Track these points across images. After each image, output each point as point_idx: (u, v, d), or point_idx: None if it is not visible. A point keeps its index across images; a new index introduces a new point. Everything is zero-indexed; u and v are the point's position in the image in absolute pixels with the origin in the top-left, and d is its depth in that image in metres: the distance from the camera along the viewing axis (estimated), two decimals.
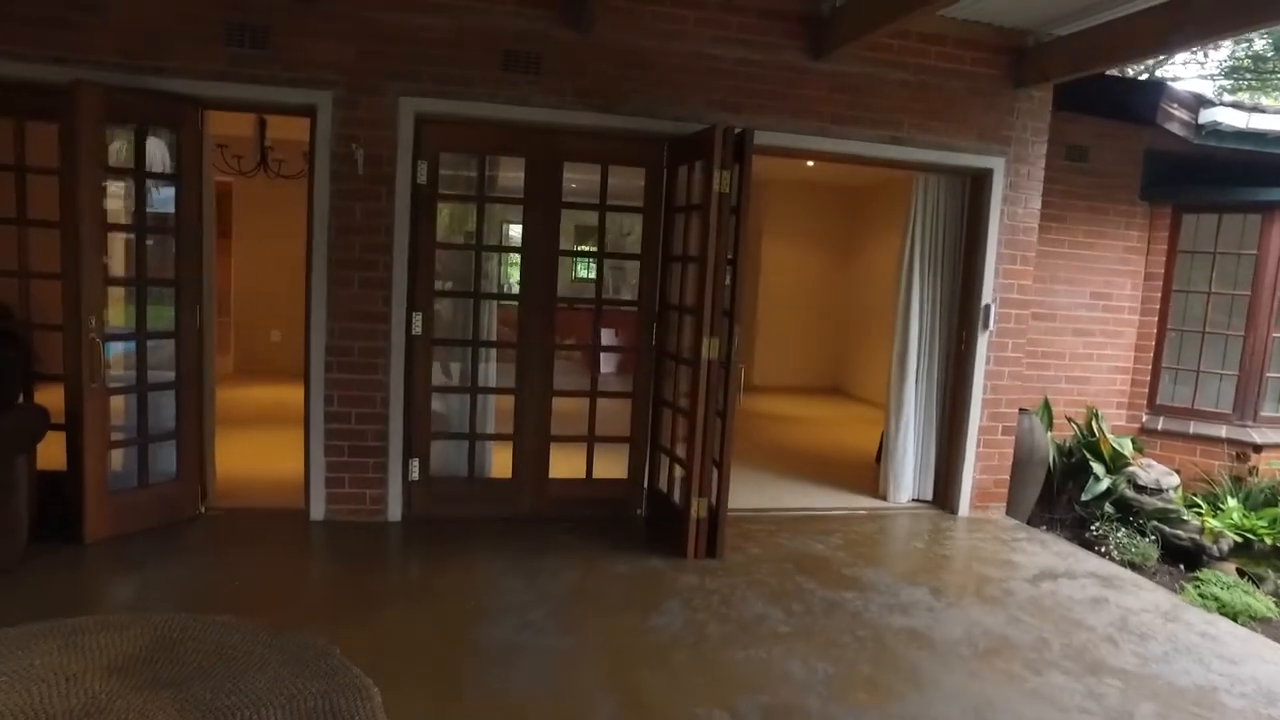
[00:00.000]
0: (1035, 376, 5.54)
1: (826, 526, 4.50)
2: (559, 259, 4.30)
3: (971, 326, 4.81)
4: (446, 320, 4.33)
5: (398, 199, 4.00)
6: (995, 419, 4.86)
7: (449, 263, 4.32)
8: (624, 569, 3.70)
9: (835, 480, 5.45)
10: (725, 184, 3.69)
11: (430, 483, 4.25)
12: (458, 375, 4.32)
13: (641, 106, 4.18)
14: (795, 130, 4.35)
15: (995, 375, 4.83)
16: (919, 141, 4.53)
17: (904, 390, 4.92)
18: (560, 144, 4.17)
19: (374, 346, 4.07)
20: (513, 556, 3.77)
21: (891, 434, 4.96)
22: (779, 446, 6.58)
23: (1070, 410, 5.57)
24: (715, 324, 3.74)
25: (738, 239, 3.73)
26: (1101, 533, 4.95)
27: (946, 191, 4.87)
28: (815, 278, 9.58)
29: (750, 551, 4.02)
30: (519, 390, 4.31)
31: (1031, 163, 4.73)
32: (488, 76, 4.01)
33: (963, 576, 3.88)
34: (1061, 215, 5.49)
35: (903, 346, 4.93)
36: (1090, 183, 5.52)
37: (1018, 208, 4.75)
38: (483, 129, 4.10)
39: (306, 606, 3.17)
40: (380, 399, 4.10)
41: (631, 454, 4.43)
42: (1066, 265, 5.56)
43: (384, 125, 3.95)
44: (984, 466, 4.88)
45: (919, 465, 5.02)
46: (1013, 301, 4.82)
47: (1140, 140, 5.53)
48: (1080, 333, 5.65)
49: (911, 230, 4.88)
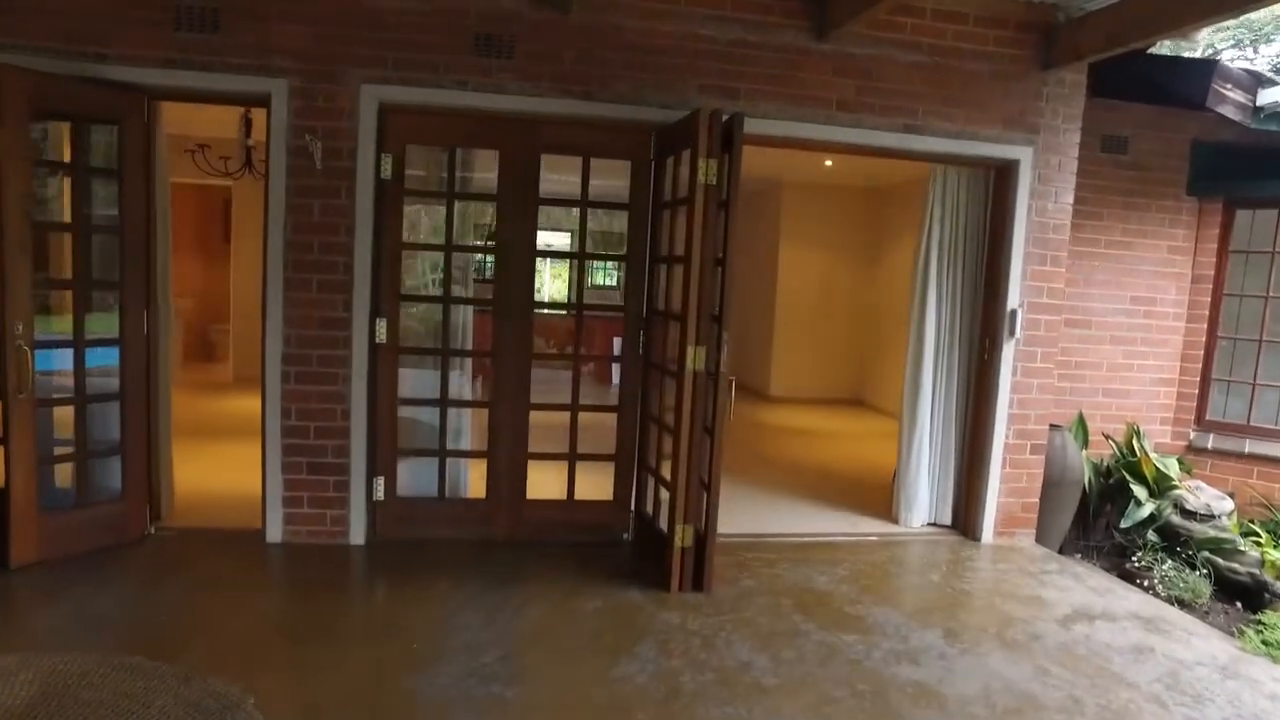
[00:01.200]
0: (1069, 389, 5.04)
1: (833, 555, 4.07)
2: (536, 260, 3.95)
3: (996, 334, 4.35)
4: (414, 327, 4.01)
5: (359, 195, 3.69)
6: (1023, 436, 4.39)
7: (417, 265, 4.00)
8: (598, 604, 3.32)
9: (848, 501, 5.00)
10: (711, 174, 3.31)
11: (397, 503, 3.92)
12: (427, 387, 3.98)
13: (626, 93, 3.82)
14: (797, 118, 3.96)
15: (1023, 388, 4.36)
16: (936, 130, 4.10)
17: (918, 403, 4.48)
18: (537, 135, 3.83)
19: (334, 355, 3.76)
20: (478, 587, 3.41)
21: (905, 452, 4.51)
22: (791, 463, 6.14)
23: (1108, 426, 5.06)
24: (701, 331, 3.36)
25: (726, 236, 3.35)
26: (1144, 564, 4.44)
27: (968, 185, 4.43)
28: (836, 284, 9.11)
29: (743, 584, 3.61)
30: (493, 403, 3.96)
31: (1063, 153, 4.27)
32: (457, 62, 3.69)
33: (982, 616, 3.43)
34: (1098, 212, 5.00)
35: (917, 355, 4.49)
36: (1130, 176, 5.02)
37: (1047, 202, 4.28)
38: (452, 119, 3.78)
39: (238, 644, 2.84)
40: (341, 412, 3.79)
41: (617, 473, 4.05)
42: (1103, 267, 5.07)
43: (344, 115, 3.65)
44: (1010, 489, 4.41)
45: (937, 486, 4.56)
46: (1042, 306, 4.35)
47: (1186, 129, 5.02)
48: (1119, 341, 5.13)
49: (928, 228, 4.44)
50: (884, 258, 8.91)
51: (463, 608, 3.20)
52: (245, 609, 3.13)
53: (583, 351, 4.15)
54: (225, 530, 3.88)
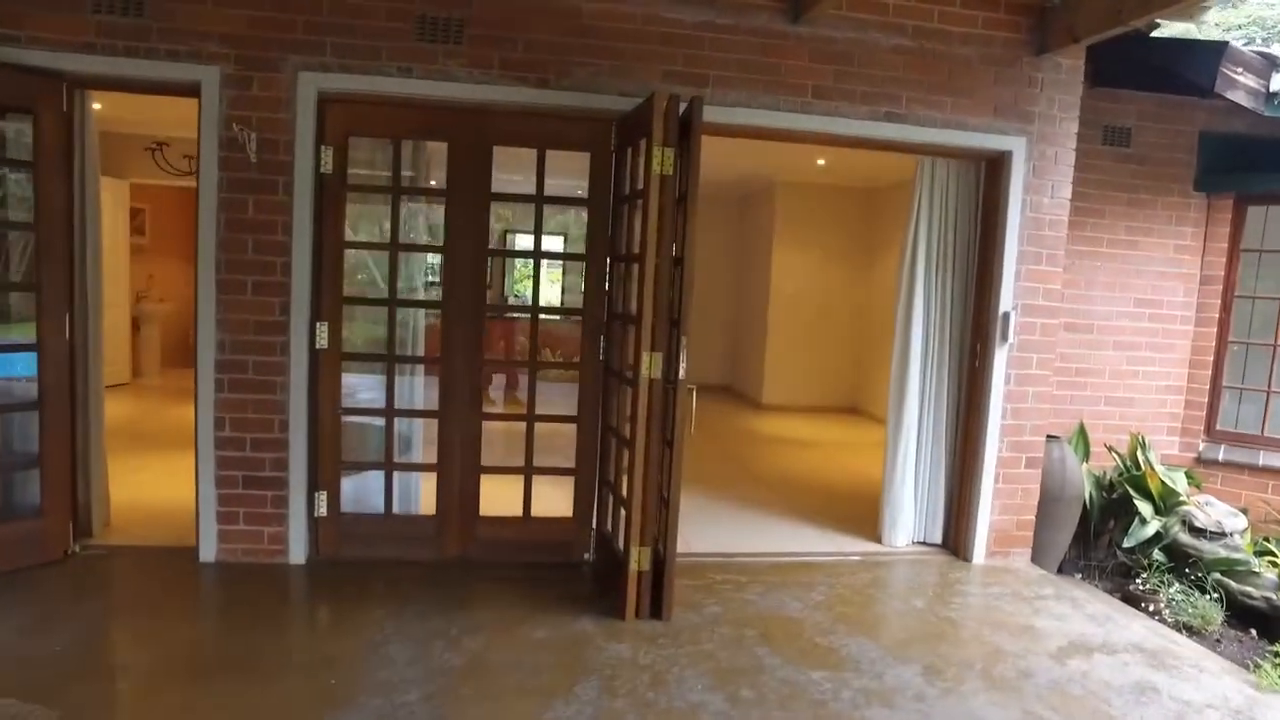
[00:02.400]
0: (1068, 398, 4.73)
1: (809, 577, 3.77)
2: (488, 259, 3.69)
3: (987, 338, 4.05)
4: (366, 332, 3.75)
5: (298, 191, 3.44)
6: (1017, 448, 4.08)
7: (361, 265, 3.74)
8: (544, 633, 3.04)
9: (833, 517, 4.71)
10: (668, 165, 3.04)
11: (340, 520, 3.66)
12: (376, 395, 3.72)
13: (584, 80, 3.56)
14: (769, 106, 3.68)
15: (1016, 397, 4.05)
16: (922, 119, 3.82)
17: (904, 414, 4.18)
18: (488, 126, 3.58)
19: (271, 362, 3.51)
20: (416, 613, 3.14)
21: (890, 466, 4.21)
22: (777, 475, 5.85)
23: (1111, 437, 4.73)
24: (657, 335, 3.08)
25: (684, 232, 3.07)
26: (1150, 587, 4.11)
27: (957, 179, 4.13)
28: (832, 288, 8.81)
29: (707, 610, 3.32)
30: (442, 413, 3.70)
31: (1059, 144, 3.97)
32: (401, 47, 3.44)
33: (968, 649, 3.12)
34: (1099, 209, 4.69)
35: (903, 362, 4.19)
36: (1134, 171, 4.71)
37: (1043, 197, 3.98)
38: (397, 109, 3.53)
39: (135, 680, 2.59)
40: (279, 422, 3.53)
41: (577, 489, 3.78)
42: (1106, 268, 4.75)
43: (281, 105, 3.40)
44: (1003, 505, 4.10)
45: (925, 503, 4.26)
46: (1038, 309, 4.04)
47: (1194, 120, 4.71)
48: (1123, 346, 4.82)
49: (915, 225, 4.15)
50: (881, 261, 8.60)
51: (395, 637, 2.93)
52: (156, 639, 2.86)
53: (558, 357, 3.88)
54: (158, 549, 3.63)
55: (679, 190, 3.08)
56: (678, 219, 3.08)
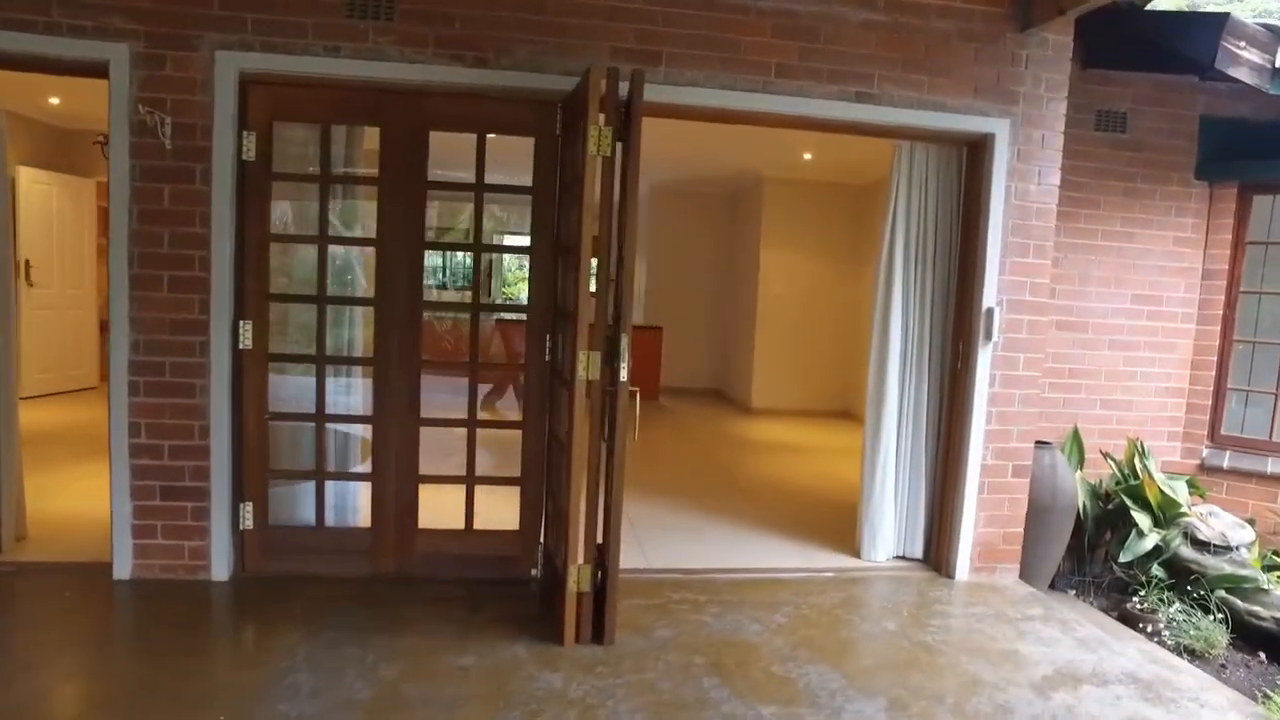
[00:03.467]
0: (1061, 401, 4.43)
1: (775, 596, 3.48)
2: (425, 253, 3.42)
3: (970, 337, 3.75)
4: (286, 331, 3.50)
5: (217, 179, 3.19)
6: (1003, 456, 3.78)
7: (288, 259, 3.49)
8: (470, 660, 2.76)
9: (809, 529, 4.41)
10: (605, 145, 2.77)
11: (268, 532, 3.40)
12: (304, 399, 3.47)
13: (527, 59, 3.30)
14: (728, 86, 3.41)
15: (1002, 400, 3.76)
16: (895, 99, 3.54)
17: (883, 418, 3.88)
18: (424, 109, 3.32)
19: (190, 363, 3.26)
20: (335, 637, 2.87)
21: (868, 475, 3.92)
22: (757, 483, 5.56)
23: (1107, 443, 4.43)
24: (595, 334, 2.80)
25: (625, 219, 2.80)
26: (1148, 605, 3.80)
27: (937, 165, 3.85)
28: (820, 288, 8.52)
29: (657, 634, 3.03)
30: (377, 419, 3.43)
31: (1047, 126, 3.68)
32: (328, 24, 3.19)
33: (941, 679, 2.82)
34: (1093, 199, 4.40)
35: (881, 363, 3.90)
36: (1130, 158, 4.41)
37: (1029, 184, 3.69)
38: (325, 91, 3.28)
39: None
40: (199, 429, 3.28)
41: (523, 500, 3.50)
42: (1101, 262, 4.45)
43: (197, 87, 3.15)
44: (989, 517, 3.79)
45: (905, 515, 3.96)
46: (1025, 305, 3.75)
47: (1194, 103, 4.41)
48: (1119, 346, 4.51)
49: (892, 215, 3.87)
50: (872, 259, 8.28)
51: (305, 665, 2.66)
52: (35, 671, 2.60)
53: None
54: (73, 565, 3.37)
55: (619, 174, 2.80)
56: (617, 205, 2.80)
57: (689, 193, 9.60)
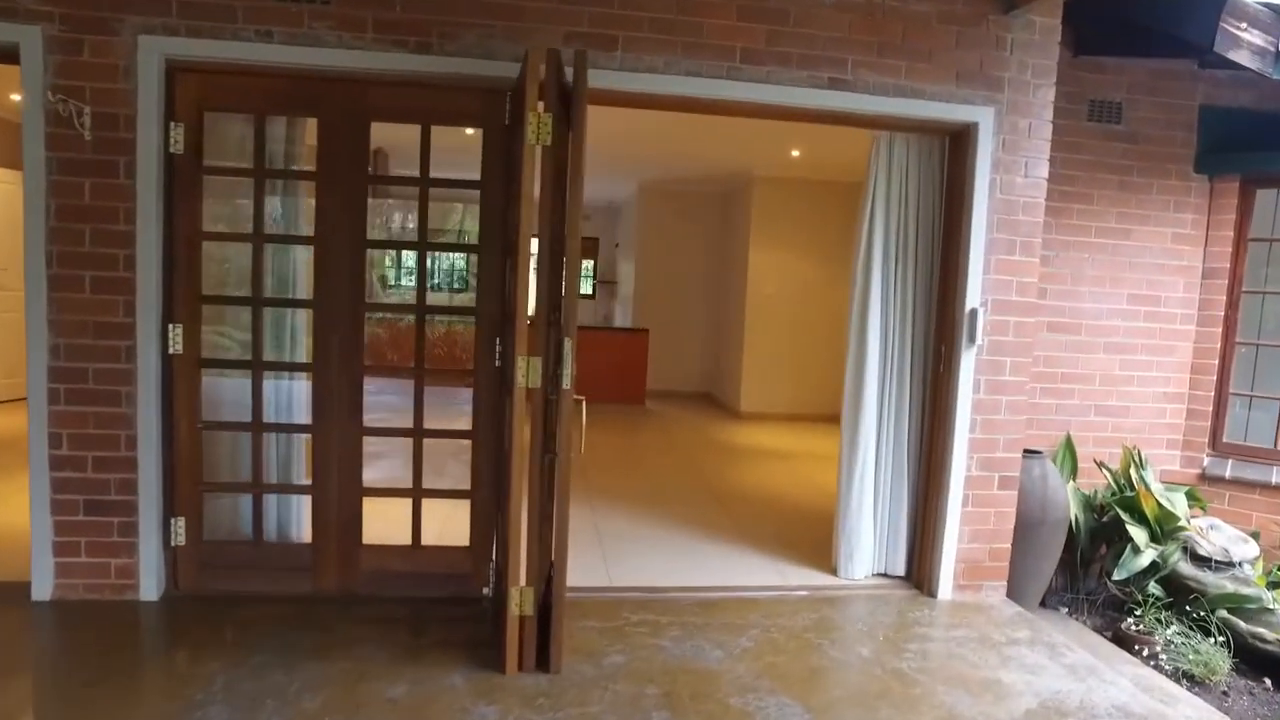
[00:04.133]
0: (1053, 407, 4.19)
1: (743, 617, 3.26)
2: (368, 252, 3.21)
3: (952, 340, 3.52)
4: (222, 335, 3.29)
5: (142, 173, 2.99)
6: (989, 466, 3.55)
7: (221, 259, 3.28)
8: (402, 690, 2.54)
9: (788, 543, 4.19)
10: (545, 133, 2.55)
11: (202, 549, 3.20)
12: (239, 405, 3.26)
13: (474, 44, 3.09)
14: (691, 72, 3.19)
15: (987, 407, 3.52)
16: (871, 86, 3.31)
17: (860, 427, 3.66)
18: (364, 98, 3.12)
19: (115, 369, 3.05)
20: (260, 664, 2.66)
21: (845, 487, 3.69)
22: (737, 492, 5.33)
23: (1102, 452, 4.19)
24: (535, 336, 2.59)
25: (566, 213, 2.58)
26: (1145, 627, 3.57)
27: (918, 157, 3.62)
28: (811, 289, 8.27)
29: (609, 660, 2.81)
30: (316, 427, 3.23)
31: (1034, 115, 3.45)
32: (259, 7, 2.99)
33: (914, 713, 2.59)
34: (1086, 194, 4.16)
35: (858, 367, 3.68)
36: (1125, 150, 4.18)
37: (1015, 176, 3.46)
38: (258, 80, 3.08)
39: None
40: (126, 439, 3.07)
41: (475, 514, 3.29)
42: (1095, 260, 4.21)
43: (119, 74, 2.95)
44: (973, 532, 3.56)
45: (886, 530, 3.73)
46: (1011, 305, 3.52)
47: (1193, 92, 4.17)
48: (1115, 349, 4.27)
49: (869, 210, 3.64)
50: None
51: (222, 696, 2.45)
52: None
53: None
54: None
55: (561, 165, 2.59)
56: (559, 198, 2.59)
57: (678, 192, 9.39)
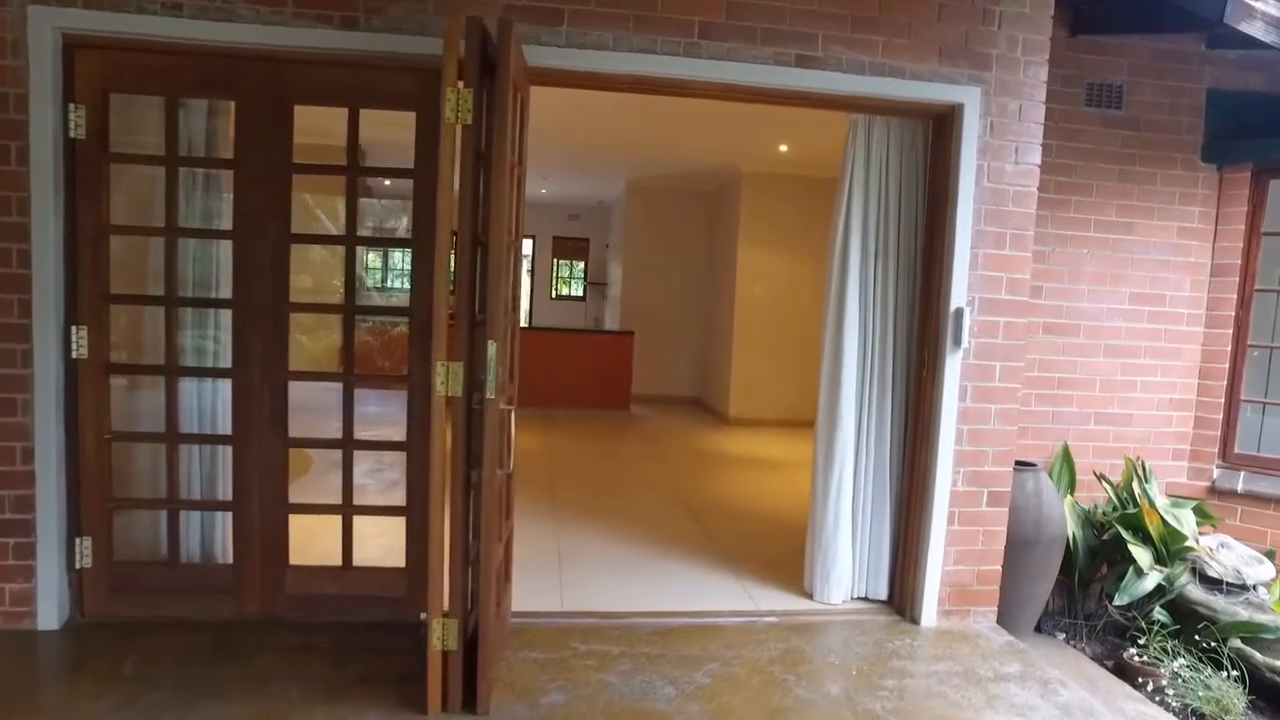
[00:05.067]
0: (1049, 415, 3.88)
1: (704, 646, 2.96)
2: (291, 246, 2.93)
3: (936, 342, 3.23)
4: (131, 337, 3.03)
5: (36, 160, 2.72)
6: (976, 481, 3.24)
7: (131, 255, 3.01)
8: None
9: (762, 562, 3.89)
10: (466, 111, 2.27)
11: (112, 570, 2.92)
12: (155, 414, 2.99)
13: (403, 19, 2.81)
14: (644, 49, 2.91)
15: (975, 416, 3.22)
16: (845, 64, 3.02)
17: (838, 438, 3.36)
18: (286, 79, 2.84)
19: (10, 375, 2.78)
20: (157, 702, 2.38)
21: (822, 504, 3.39)
22: (713, 505, 5.04)
23: (1103, 463, 3.88)
24: (456, 339, 2.31)
25: (489, 201, 2.30)
26: (1150, 658, 3.25)
27: (899, 143, 3.33)
28: (802, 289, 7.98)
29: (546, 699, 2.52)
30: (237, 438, 2.95)
31: (1025, 95, 3.15)
32: None
33: None
34: (1085, 185, 3.86)
35: (834, 373, 3.38)
36: (1127, 137, 3.87)
37: (1004, 162, 3.17)
38: (168, 58, 2.81)
39: None
40: (22, 451, 2.80)
41: (409, 532, 3.00)
42: (1095, 256, 3.91)
43: (7, 49, 2.69)
44: (960, 553, 3.26)
45: (866, 549, 3.42)
46: (1001, 305, 3.22)
47: (1200, 74, 3.87)
48: (1116, 352, 3.96)
49: (846, 202, 3.35)
50: None
51: None
52: None
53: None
54: None
55: (480, 144, 2.30)
56: (478, 184, 2.30)
57: (665, 190, 9.12)
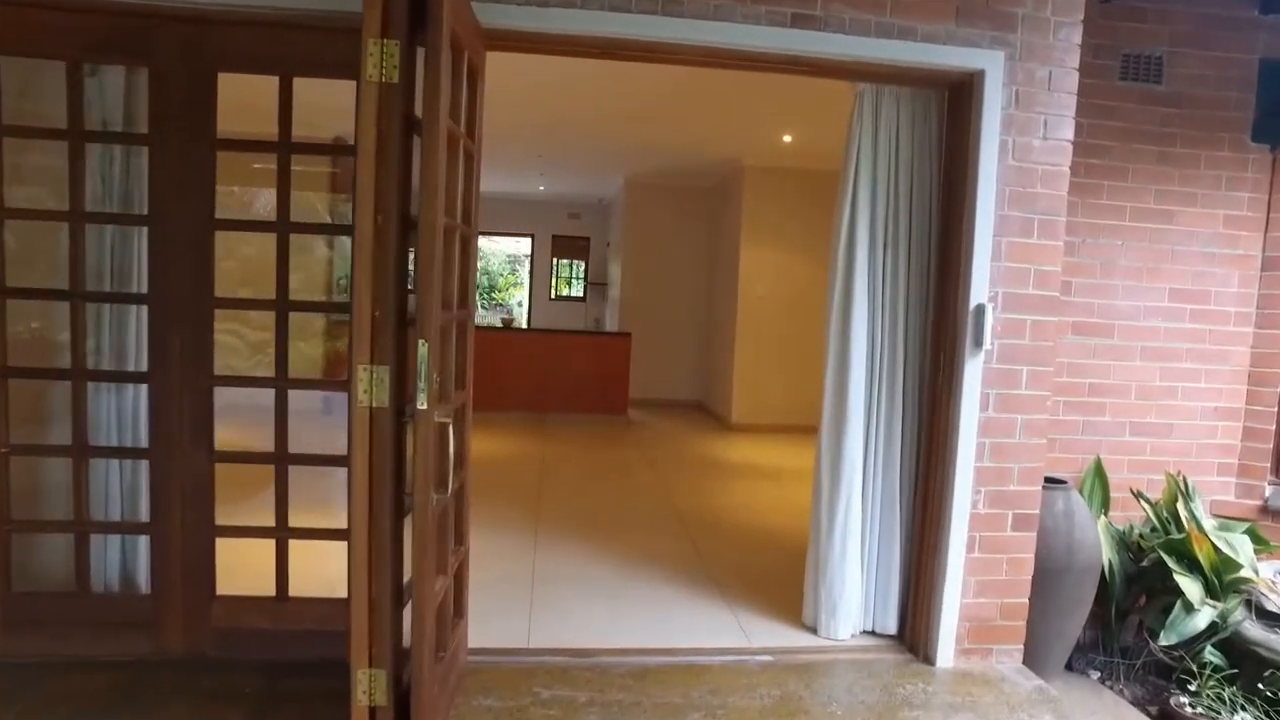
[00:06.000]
0: (1078, 425, 3.47)
1: (685, 691, 2.57)
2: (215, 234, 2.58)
3: (954, 344, 2.83)
4: (28, 334, 2.68)
5: None
6: (1000, 502, 2.84)
7: (30, 242, 2.66)
8: None
9: (759, 587, 3.51)
10: (391, 67, 1.91)
11: (10, 603, 2.58)
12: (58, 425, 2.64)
13: None
14: (618, 7, 2.54)
15: (999, 427, 2.82)
16: (847, 24, 2.64)
17: (843, 451, 2.97)
18: (207, 43, 2.50)
19: None
20: None
21: (826, 527, 3.00)
22: (709, 521, 4.65)
23: (1140, 479, 3.46)
24: (377, 340, 1.94)
25: (416, 175, 1.93)
26: (1202, 709, 2.83)
27: (910, 116, 2.94)
28: (806, 288, 7.56)
29: None
30: (154, 451, 2.60)
31: (1055, 61, 2.76)
32: None
33: None
34: (1120, 168, 3.45)
35: (839, 378, 2.99)
36: (1167, 115, 3.46)
37: (1031, 138, 2.77)
38: (69, 17, 2.46)
39: None
40: None
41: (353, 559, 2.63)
42: (1130, 248, 3.50)
43: None
44: (980, 584, 2.86)
45: (875, 579, 3.03)
46: (1028, 301, 2.82)
47: (1250, 43, 3.45)
48: (1154, 355, 3.54)
49: (852, 184, 2.96)
50: None
51: None
52: None
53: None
54: None
55: (407, 107, 1.94)
56: (404, 154, 1.94)
57: (666, 186, 8.76)
